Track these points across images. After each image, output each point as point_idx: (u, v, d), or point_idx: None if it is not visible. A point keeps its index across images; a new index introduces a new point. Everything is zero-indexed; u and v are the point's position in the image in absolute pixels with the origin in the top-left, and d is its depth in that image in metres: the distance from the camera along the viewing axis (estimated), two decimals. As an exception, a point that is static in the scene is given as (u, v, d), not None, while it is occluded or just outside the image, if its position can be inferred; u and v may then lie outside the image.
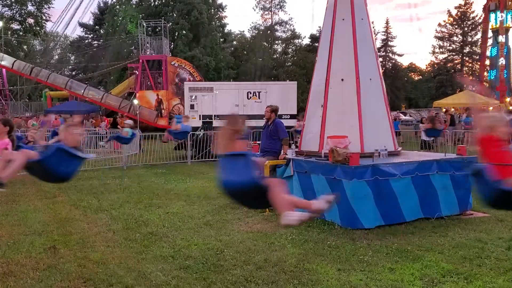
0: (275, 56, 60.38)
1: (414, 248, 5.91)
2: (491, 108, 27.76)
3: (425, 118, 19.48)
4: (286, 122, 15.28)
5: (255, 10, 59.29)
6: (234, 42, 60.44)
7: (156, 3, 48.94)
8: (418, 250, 5.83)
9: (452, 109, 25.28)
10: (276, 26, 61.48)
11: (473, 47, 62.02)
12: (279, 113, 9.29)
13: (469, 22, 62.63)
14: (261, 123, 9.06)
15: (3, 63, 33.40)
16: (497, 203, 4.07)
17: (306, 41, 61.94)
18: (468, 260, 5.43)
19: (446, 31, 64.32)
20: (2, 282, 4.83)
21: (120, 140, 13.68)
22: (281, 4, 60.76)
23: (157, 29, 39.58)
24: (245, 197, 3.84)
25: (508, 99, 37.24)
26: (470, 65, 63.79)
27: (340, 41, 8.28)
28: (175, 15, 46.51)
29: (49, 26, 52.05)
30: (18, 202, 9.09)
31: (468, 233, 6.62)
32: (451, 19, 63.60)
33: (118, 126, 22.37)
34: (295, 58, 60.44)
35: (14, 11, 50.41)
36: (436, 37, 64.87)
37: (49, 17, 51.27)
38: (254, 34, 61.44)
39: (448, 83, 60.22)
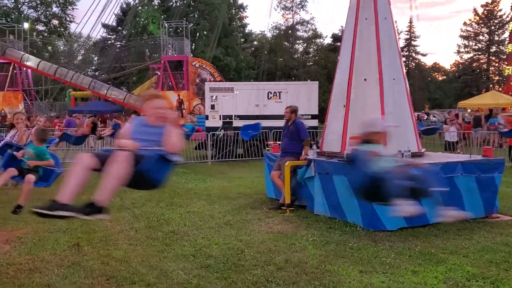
0: (296, 56, 60.19)
1: (438, 251, 5.80)
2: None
3: (449, 119, 19.17)
4: (308, 123, 15.25)
5: (276, 10, 59.61)
6: (255, 42, 60.47)
7: (178, 4, 49.31)
8: (442, 253, 5.72)
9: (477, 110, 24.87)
10: (297, 26, 61.31)
11: (500, 46, 60.79)
12: (299, 113, 9.24)
13: (496, 21, 61.44)
14: (281, 123, 9.02)
15: (28, 63, 34.06)
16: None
17: (328, 40, 61.66)
18: (495, 264, 5.30)
19: (472, 30, 63.23)
20: (28, 278, 4.91)
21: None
22: (303, 3, 60.60)
23: (179, 30, 39.88)
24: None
25: None
26: (496, 64, 62.53)
27: (363, 40, 8.20)
28: (196, 16, 46.79)
29: (73, 27, 52.94)
30: (43, 200, 9.20)
31: (494, 236, 6.47)
32: (477, 17, 62.48)
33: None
34: (317, 57, 60.19)
35: (39, 13, 51.41)
36: (461, 36, 63.86)
37: (73, 18, 52.13)
38: (275, 34, 61.38)
39: (474, 83, 59.23)
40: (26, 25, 40.19)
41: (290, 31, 60.65)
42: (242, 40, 53.82)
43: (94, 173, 3.83)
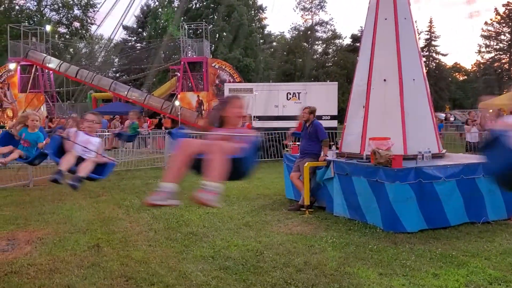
0: (315, 57, 60.00)
1: (459, 254, 5.72)
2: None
3: (470, 119, 18.84)
4: (327, 123, 15.16)
5: (295, 11, 59.41)
6: (274, 43, 60.46)
7: (198, 5, 49.60)
8: (464, 256, 5.64)
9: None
10: (316, 27, 61.12)
11: (523, 46, 59.74)
12: (318, 114, 9.19)
13: (518, 20, 60.38)
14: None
15: (50, 65, 34.58)
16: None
17: (347, 41, 61.24)
18: (517, 268, 5.19)
19: (493, 30, 62.18)
20: (49, 279, 4.98)
21: None
22: (322, 4, 60.37)
23: (198, 31, 40.10)
24: None
25: None
26: (519, 64, 61.42)
27: (382, 41, 8.14)
28: (215, 17, 47.00)
29: (94, 29, 53.67)
30: (64, 201, 9.36)
31: (516, 239, 6.34)
32: (499, 17, 61.45)
33: (163, 127, 22.81)
34: (336, 58, 59.85)
35: (61, 15, 52.27)
36: (482, 36, 62.85)
37: (94, 21, 52.82)
38: (294, 35, 61.31)
39: (495, 83, 58.22)
40: (48, 28, 40.79)
41: (309, 32, 60.48)
42: (261, 41, 53.86)
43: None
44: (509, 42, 60.91)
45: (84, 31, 53.31)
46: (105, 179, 5.42)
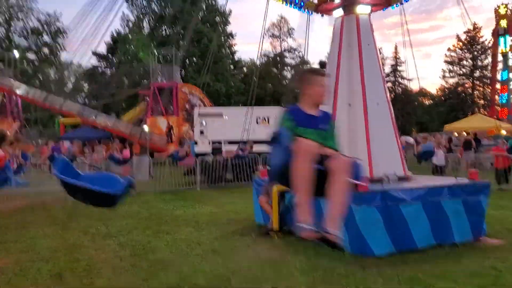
0: (284, 82, 60.94)
1: (427, 277, 5.72)
2: (503, 132, 27.56)
3: (437, 143, 19.24)
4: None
5: (264, 38, 60.66)
6: (244, 69, 61.21)
7: (167, 32, 49.89)
8: (431, 279, 5.65)
9: (464, 133, 25.09)
10: (285, 53, 62.31)
11: (484, 71, 61.94)
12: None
13: (478, 47, 62.73)
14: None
15: (18, 92, 34.01)
16: None
17: (315, 67, 62.47)
18: (483, 289, 5.22)
19: (456, 56, 64.44)
20: (7, 311, 4.79)
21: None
22: (290, 31, 61.85)
23: (168, 57, 40.22)
24: None
25: None
26: (481, 89, 63.56)
27: (346, 66, 8.30)
28: (185, 43, 47.34)
29: (63, 55, 53.25)
30: (28, 228, 9.09)
31: (482, 260, 6.40)
32: (460, 43, 63.78)
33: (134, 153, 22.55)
34: (305, 84, 60.88)
35: (30, 42, 51.75)
36: (445, 61, 65.04)
37: (64, 47, 52.43)
38: (263, 61, 62.34)
39: (459, 107, 60.02)
40: (16, 54, 40.24)
41: (278, 58, 61.58)
42: (231, 66, 54.38)
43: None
44: (471, 67, 63.15)
45: (53, 57, 52.80)
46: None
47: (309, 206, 3.11)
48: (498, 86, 42.82)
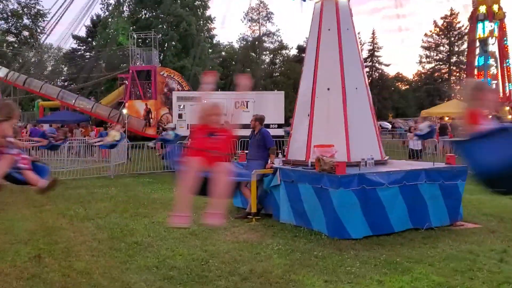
0: (263, 67, 60.75)
1: (403, 260, 5.81)
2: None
3: (413, 127, 19.53)
4: (274, 132, 15.30)
5: (243, 22, 60.36)
6: (223, 53, 60.73)
7: (147, 16, 49.18)
8: (408, 262, 5.74)
9: (447, 118, 25.24)
10: (264, 37, 62.02)
11: (460, 57, 62.60)
12: (266, 122, 9.26)
13: (455, 32, 63.32)
14: (248, 132, 9.03)
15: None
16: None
17: (294, 52, 62.51)
18: (460, 273, 5.32)
19: (433, 41, 64.97)
20: (-18, 294, 4.74)
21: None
22: (269, 16, 61.50)
23: (147, 41, 39.70)
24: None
25: (507, 108, 37.04)
26: (457, 74, 64.32)
27: (326, 51, 8.31)
28: (164, 27, 46.73)
29: (43, 37, 52.16)
30: (6, 211, 8.99)
31: (459, 244, 6.52)
32: (437, 29, 64.29)
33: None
34: (283, 68, 60.92)
35: (10, 24, 50.77)
36: (422, 47, 65.53)
37: (44, 30, 51.31)
38: (242, 45, 61.94)
39: (436, 92, 60.71)
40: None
41: (257, 42, 61.29)
42: (210, 50, 53.89)
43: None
44: (448, 53, 63.79)
45: (33, 40, 51.68)
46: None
47: None
48: (475, 72, 43.33)
